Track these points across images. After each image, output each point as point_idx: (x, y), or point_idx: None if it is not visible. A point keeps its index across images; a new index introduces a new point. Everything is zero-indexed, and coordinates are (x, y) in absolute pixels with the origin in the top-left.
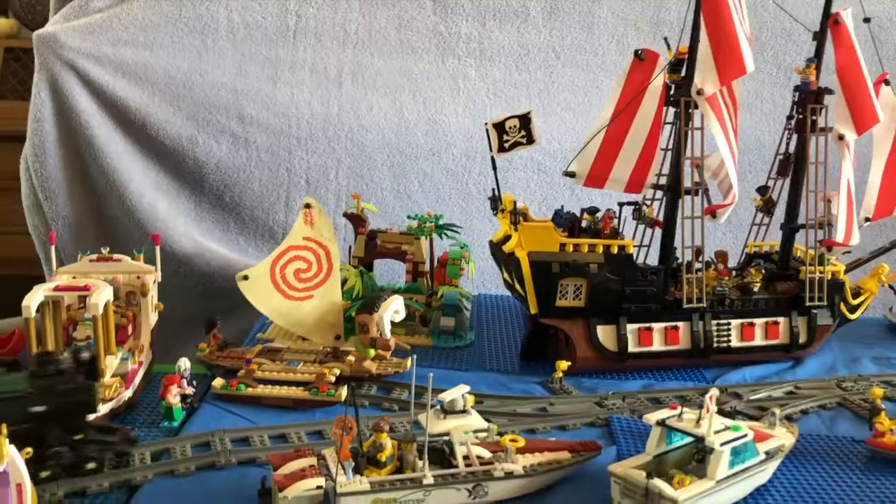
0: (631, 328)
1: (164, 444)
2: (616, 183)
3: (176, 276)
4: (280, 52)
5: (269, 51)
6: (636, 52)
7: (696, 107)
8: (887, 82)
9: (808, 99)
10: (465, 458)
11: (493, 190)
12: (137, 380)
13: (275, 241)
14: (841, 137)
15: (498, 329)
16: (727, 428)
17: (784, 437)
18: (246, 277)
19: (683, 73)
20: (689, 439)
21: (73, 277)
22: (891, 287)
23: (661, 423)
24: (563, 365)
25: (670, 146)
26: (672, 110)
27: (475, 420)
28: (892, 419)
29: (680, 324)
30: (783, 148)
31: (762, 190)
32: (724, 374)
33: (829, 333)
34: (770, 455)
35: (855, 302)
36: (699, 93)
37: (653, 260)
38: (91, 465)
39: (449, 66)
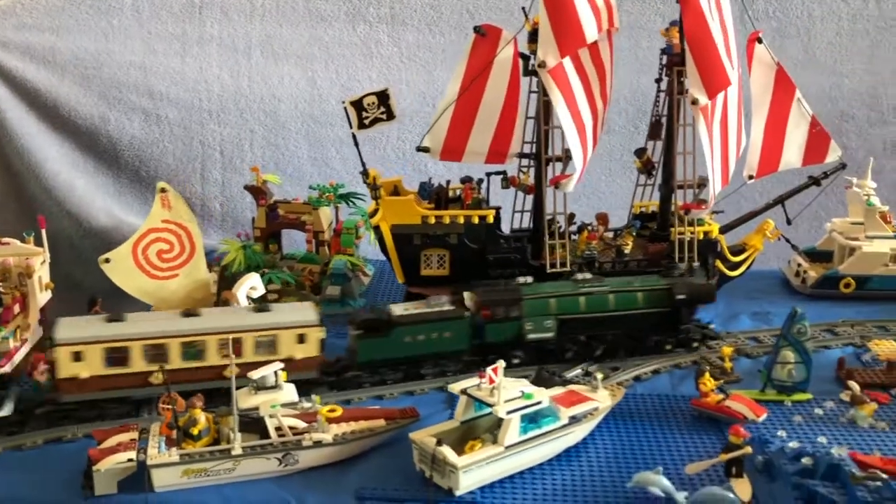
0: None
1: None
2: (475, 155)
3: (97, 250)
4: (187, 28)
5: (175, 27)
6: (476, 28)
7: None
8: (760, 40)
9: (674, 61)
10: (278, 429)
11: (364, 165)
12: (18, 357)
13: (193, 212)
14: (695, 102)
15: (389, 296)
16: (522, 395)
17: (603, 400)
18: (108, 260)
19: None
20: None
21: None
22: (787, 240)
23: (464, 391)
24: None
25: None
26: (535, 80)
27: (286, 394)
28: (718, 380)
29: None
30: (660, 110)
31: (639, 152)
32: None
33: None
34: (576, 419)
35: (737, 259)
36: (541, 65)
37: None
38: None
39: (360, 32)
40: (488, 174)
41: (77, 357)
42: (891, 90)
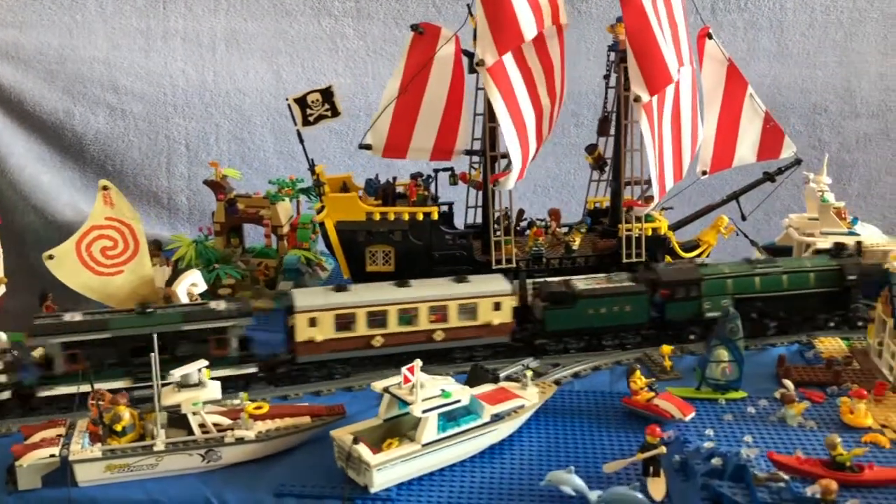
0: None
1: None
2: (420, 152)
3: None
4: (151, 23)
5: (139, 22)
6: (413, 26)
7: None
8: (710, 36)
9: (621, 57)
10: (202, 426)
11: (311, 161)
12: None
13: (160, 206)
14: (637, 99)
15: None
16: (441, 394)
17: (531, 398)
18: (51, 257)
19: None
20: None
21: None
22: (744, 235)
23: (386, 389)
24: None
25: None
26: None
27: (209, 392)
28: (658, 377)
29: None
30: (608, 107)
31: (590, 148)
32: None
33: None
34: (499, 417)
35: (690, 255)
36: (479, 63)
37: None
38: None
39: (325, 25)
40: (436, 171)
41: (312, 323)
42: (864, 83)
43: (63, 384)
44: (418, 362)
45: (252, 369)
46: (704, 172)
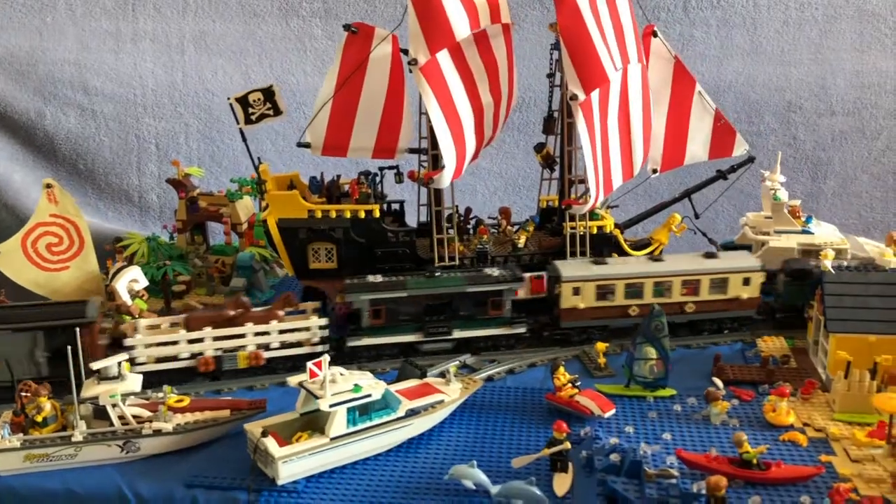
0: None
1: None
2: (361, 150)
3: None
4: (121, 25)
5: (109, 24)
6: (346, 26)
7: None
8: (655, 34)
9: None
10: (121, 417)
11: (258, 159)
12: None
13: (131, 204)
14: (574, 98)
15: (297, 286)
16: (352, 388)
17: (452, 393)
18: None
19: None
20: None
21: None
22: (703, 233)
23: (301, 384)
24: None
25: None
26: None
27: (128, 384)
28: (574, 374)
29: None
30: (553, 105)
31: (538, 147)
32: None
33: None
34: (415, 411)
35: (640, 253)
36: (412, 63)
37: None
38: None
39: (294, 26)
40: (381, 169)
41: (576, 292)
42: (840, 80)
43: (368, 336)
44: (326, 357)
45: (521, 329)
46: (655, 171)
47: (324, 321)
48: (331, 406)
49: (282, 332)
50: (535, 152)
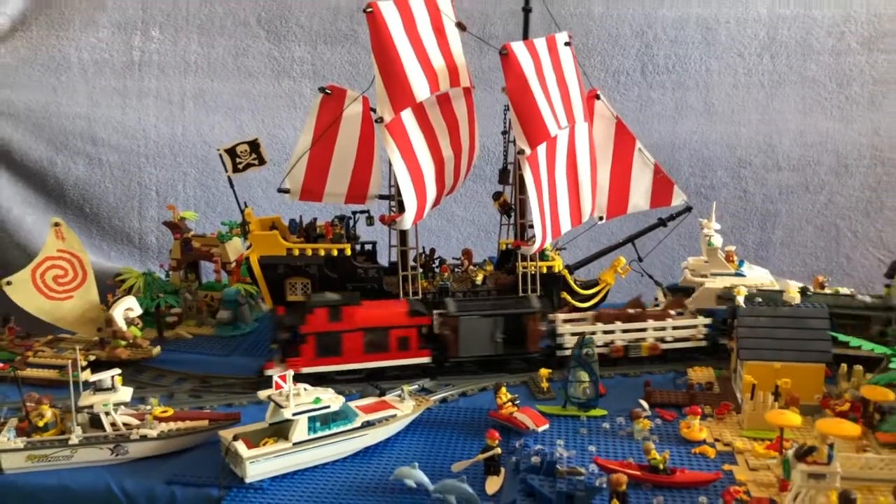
0: None
1: None
2: (335, 196)
3: None
4: (127, 83)
5: (117, 82)
6: (321, 88)
7: None
8: (598, 97)
9: None
10: (113, 424)
11: (244, 203)
12: None
13: (132, 245)
14: (521, 152)
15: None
16: (314, 401)
17: (405, 409)
18: (9, 283)
19: None
20: None
21: None
22: (649, 276)
23: (269, 397)
24: None
25: None
26: None
27: (120, 395)
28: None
29: None
30: (507, 159)
31: (496, 195)
32: None
33: None
34: (370, 423)
35: (588, 292)
36: (378, 120)
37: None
38: None
39: (285, 86)
40: (354, 213)
41: None
42: (785, 139)
43: None
44: (290, 372)
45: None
46: (602, 218)
47: (708, 320)
48: (294, 414)
49: (675, 328)
50: (493, 200)
